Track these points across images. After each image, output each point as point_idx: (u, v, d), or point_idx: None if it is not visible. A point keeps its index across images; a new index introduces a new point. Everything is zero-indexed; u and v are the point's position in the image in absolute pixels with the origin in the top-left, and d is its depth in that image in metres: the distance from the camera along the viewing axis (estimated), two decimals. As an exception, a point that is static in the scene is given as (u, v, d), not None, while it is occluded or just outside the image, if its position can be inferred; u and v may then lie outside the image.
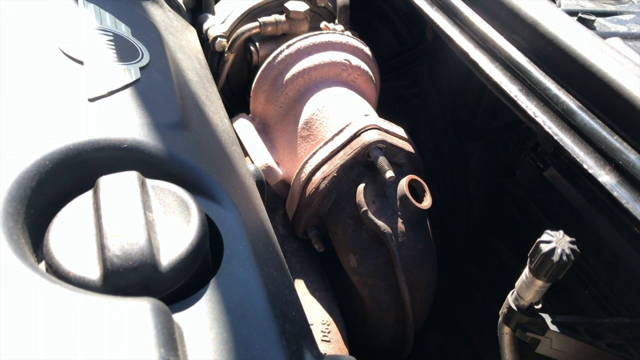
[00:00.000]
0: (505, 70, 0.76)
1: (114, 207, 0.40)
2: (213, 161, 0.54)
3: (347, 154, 0.86)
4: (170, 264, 0.39)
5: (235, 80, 1.20)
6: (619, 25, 1.08)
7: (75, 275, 0.37)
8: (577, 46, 0.67)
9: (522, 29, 0.76)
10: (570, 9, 1.07)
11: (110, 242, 0.38)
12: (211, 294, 0.41)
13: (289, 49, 0.99)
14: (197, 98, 0.63)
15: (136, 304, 0.35)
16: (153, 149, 0.48)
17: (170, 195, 0.44)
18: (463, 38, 0.84)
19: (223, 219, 0.48)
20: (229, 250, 0.45)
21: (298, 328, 0.46)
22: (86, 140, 0.46)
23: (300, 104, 0.98)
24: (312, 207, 0.89)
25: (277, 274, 0.49)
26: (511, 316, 0.67)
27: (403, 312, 0.87)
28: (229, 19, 1.12)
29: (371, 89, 1.06)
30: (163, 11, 0.79)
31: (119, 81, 0.54)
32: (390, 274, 0.85)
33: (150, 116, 0.52)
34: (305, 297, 0.90)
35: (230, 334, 0.39)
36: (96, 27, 0.60)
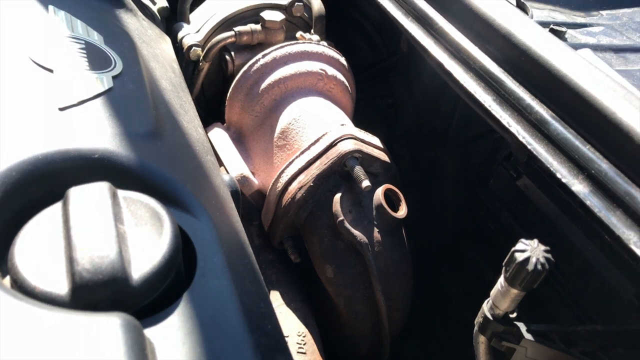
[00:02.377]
0: (480, 81, 0.76)
1: (84, 219, 0.39)
2: (187, 171, 0.53)
3: (323, 163, 0.86)
4: (141, 278, 0.38)
5: (210, 89, 1.19)
6: (588, 37, 1.10)
7: (42, 290, 0.36)
8: (549, 57, 0.68)
9: (496, 39, 0.77)
10: (542, 21, 1.09)
11: (79, 256, 0.37)
12: (184, 308, 0.40)
13: (264, 58, 0.99)
14: (171, 107, 0.63)
15: (106, 319, 0.34)
16: (125, 160, 0.47)
17: (143, 207, 0.43)
18: (438, 48, 0.85)
19: (196, 230, 0.47)
20: (203, 263, 0.44)
21: (273, 341, 0.45)
22: (56, 150, 0.45)
23: (276, 113, 0.98)
24: (288, 217, 0.89)
25: (252, 286, 0.48)
26: (487, 325, 0.68)
27: (379, 322, 0.86)
28: (204, 28, 1.12)
29: (347, 99, 1.06)
30: (137, 19, 0.78)
31: (91, 90, 0.53)
32: (367, 284, 0.85)
33: (123, 126, 0.51)
34: (281, 308, 0.89)
35: (203, 349, 0.38)
36: (67, 35, 0.59)
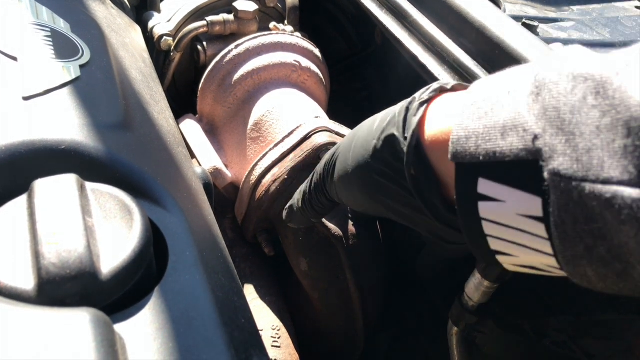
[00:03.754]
0: (454, 73, 0.77)
1: (50, 212, 0.38)
2: (157, 163, 0.52)
3: (297, 156, 0.85)
4: (111, 272, 0.37)
5: (182, 80, 1.17)
6: (559, 31, 1.11)
7: (7, 285, 0.35)
8: (522, 50, 0.69)
9: (469, 33, 0.77)
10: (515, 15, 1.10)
11: (45, 250, 0.36)
12: (155, 303, 0.39)
13: (237, 49, 0.97)
14: (141, 98, 0.61)
15: (74, 315, 0.33)
16: (93, 151, 0.46)
17: (112, 200, 0.42)
18: (412, 41, 0.85)
19: (168, 223, 0.46)
20: (175, 257, 0.43)
21: (247, 335, 0.45)
22: (20, 142, 0.43)
23: (249, 105, 0.97)
24: (262, 210, 0.88)
25: (225, 280, 0.47)
26: (460, 317, 0.68)
27: (353, 315, 0.86)
28: (175, 18, 1.10)
29: (321, 91, 1.05)
30: (105, 7, 0.76)
31: (57, 79, 0.51)
32: (341, 276, 0.85)
33: (91, 116, 0.49)
34: (255, 302, 0.88)
35: (175, 344, 0.37)
36: (32, 22, 0.57)
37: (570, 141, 0.34)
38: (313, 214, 0.69)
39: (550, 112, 0.36)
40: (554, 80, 0.36)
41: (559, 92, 0.36)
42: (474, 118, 0.41)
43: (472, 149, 0.40)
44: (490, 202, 0.40)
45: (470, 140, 0.40)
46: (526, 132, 0.37)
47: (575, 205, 0.34)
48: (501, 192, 0.39)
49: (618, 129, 0.32)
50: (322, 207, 0.68)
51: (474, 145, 0.40)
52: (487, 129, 0.39)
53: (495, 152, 0.38)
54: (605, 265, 0.35)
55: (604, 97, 0.33)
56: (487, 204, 0.40)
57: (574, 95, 0.35)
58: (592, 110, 0.33)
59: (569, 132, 0.34)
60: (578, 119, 0.34)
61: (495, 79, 0.43)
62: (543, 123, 0.36)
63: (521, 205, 0.38)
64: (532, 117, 0.37)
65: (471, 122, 0.41)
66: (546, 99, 0.36)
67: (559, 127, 0.35)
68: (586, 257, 0.36)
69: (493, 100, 0.40)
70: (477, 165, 0.40)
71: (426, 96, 0.50)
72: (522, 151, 0.37)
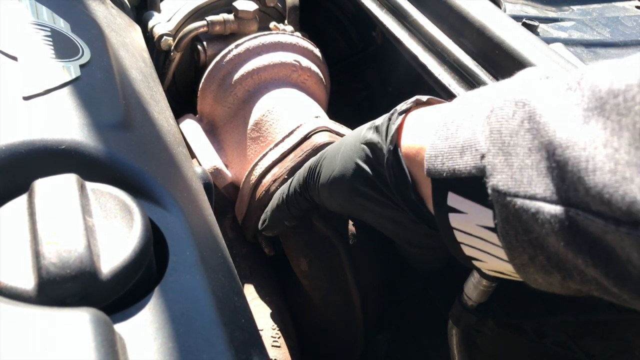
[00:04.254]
0: (454, 73, 0.77)
1: (50, 212, 0.38)
2: (158, 163, 0.52)
3: (297, 156, 0.85)
4: (111, 272, 0.37)
5: (182, 80, 1.17)
6: (560, 31, 1.11)
7: (7, 285, 0.35)
8: (523, 50, 0.69)
9: (470, 32, 0.77)
10: (515, 15, 1.10)
11: (46, 250, 0.36)
12: (155, 303, 0.39)
13: (237, 48, 0.97)
14: (141, 97, 0.61)
15: (74, 314, 0.33)
16: (93, 151, 0.46)
17: (112, 199, 0.42)
18: (412, 41, 0.85)
19: (168, 223, 0.46)
20: (175, 257, 0.43)
21: (247, 335, 0.45)
22: (20, 141, 0.43)
23: (249, 104, 0.97)
24: (262, 210, 0.88)
25: (225, 280, 0.47)
26: (460, 317, 0.68)
27: (353, 315, 0.86)
28: (175, 17, 1.10)
29: (321, 91, 1.05)
30: (105, 7, 0.76)
31: (57, 79, 0.51)
32: (341, 276, 0.84)
33: (91, 116, 0.49)
34: (255, 302, 0.88)
35: (175, 344, 0.37)
36: (32, 21, 0.57)
37: (507, 160, 0.39)
38: (289, 216, 0.76)
39: (494, 134, 0.40)
40: (499, 106, 0.41)
41: (502, 116, 0.40)
42: (442, 138, 0.46)
43: (439, 167, 0.45)
44: (457, 213, 0.45)
45: (438, 158, 0.46)
46: (477, 151, 0.41)
47: (513, 217, 0.38)
48: (464, 205, 0.44)
49: (542, 150, 0.36)
50: (298, 210, 0.74)
51: (440, 163, 0.45)
52: (450, 149, 0.44)
53: (454, 170, 0.43)
54: (547, 273, 0.39)
55: (534, 121, 0.37)
56: (455, 215, 0.45)
57: (514, 120, 0.39)
58: (527, 133, 0.38)
59: (507, 153, 0.39)
60: (515, 141, 0.38)
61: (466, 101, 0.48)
62: (488, 144, 0.40)
63: (479, 216, 0.43)
64: (482, 137, 0.41)
65: (440, 142, 0.46)
66: (492, 122, 0.41)
67: (500, 148, 0.39)
68: (532, 265, 0.40)
69: (458, 123, 0.45)
70: (445, 181, 0.45)
71: (405, 107, 0.56)
72: (473, 168, 0.41)
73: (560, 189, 0.34)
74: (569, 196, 0.34)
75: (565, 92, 0.37)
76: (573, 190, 0.33)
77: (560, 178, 0.34)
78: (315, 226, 0.84)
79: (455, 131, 0.45)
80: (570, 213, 0.34)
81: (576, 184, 0.33)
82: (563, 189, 0.34)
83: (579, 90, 0.36)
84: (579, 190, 0.33)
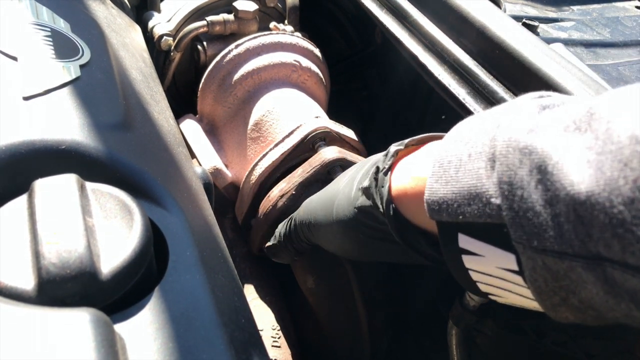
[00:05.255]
0: (454, 73, 0.77)
1: (50, 212, 0.38)
2: (158, 163, 0.52)
3: (306, 171, 0.84)
4: (111, 272, 0.37)
5: (182, 80, 1.17)
6: (560, 31, 1.11)
7: (7, 285, 0.35)
8: (523, 50, 0.69)
9: (470, 33, 0.77)
10: (515, 15, 1.10)
11: (46, 250, 0.36)
12: (155, 303, 0.39)
13: (237, 48, 0.97)
14: (141, 98, 0.61)
15: (74, 314, 0.33)
16: (93, 151, 0.46)
17: (112, 199, 0.42)
18: (412, 41, 0.85)
19: (168, 223, 0.46)
20: (175, 257, 0.43)
21: (247, 335, 0.45)
22: (20, 141, 0.43)
23: (249, 105, 0.97)
24: (269, 225, 0.86)
25: (225, 280, 0.47)
26: (460, 317, 0.68)
27: (360, 334, 0.85)
28: (176, 17, 1.10)
29: (321, 91, 1.05)
30: (105, 7, 0.76)
31: (57, 79, 0.51)
32: (348, 295, 0.83)
33: (91, 116, 0.49)
34: (255, 302, 0.88)
35: (175, 344, 0.37)
36: (32, 21, 0.57)
37: (524, 217, 0.36)
38: (295, 254, 0.76)
39: (504, 185, 0.38)
40: (503, 153, 0.38)
41: (508, 165, 0.37)
42: (441, 182, 0.44)
43: (445, 213, 0.43)
44: (472, 255, 0.43)
45: (442, 205, 0.43)
46: (489, 203, 0.39)
47: (542, 268, 0.36)
48: (480, 248, 0.42)
49: (560, 205, 0.34)
50: (303, 249, 0.75)
51: (446, 209, 0.43)
52: (455, 196, 0.42)
53: (465, 216, 0.41)
54: (581, 312, 0.38)
55: (545, 172, 0.35)
56: (469, 257, 0.43)
57: (522, 169, 0.36)
58: (539, 185, 0.35)
59: (523, 209, 0.36)
60: (527, 193, 0.36)
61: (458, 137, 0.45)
62: (499, 196, 0.38)
63: (498, 260, 0.40)
64: (491, 185, 0.39)
65: (440, 186, 0.44)
66: (499, 171, 0.38)
67: (513, 200, 0.37)
68: (563, 305, 0.38)
69: (456, 164, 0.43)
70: (453, 224, 0.43)
71: (387, 165, 0.54)
72: (488, 218, 0.39)
73: (589, 244, 0.32)
74: (599, 251, 0.32)
75: (574, 133, 0.35)
76: (604, 246, 0.32)
77: (586, 234, 0.32)
78: None
79: (455, 174, 0.42)
80: (607, 267, 0.32)
81: (608, 240, 0.31)
82: (592, 244, 0.32)
83: (590, 132, 0.34)
84: (612, 246, 0.31)
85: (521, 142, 0.37)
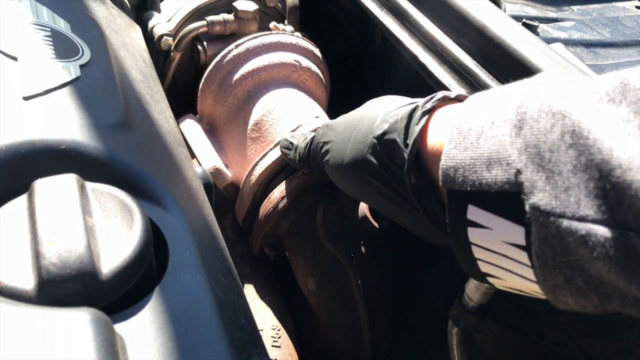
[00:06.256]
0: (454, 73, 0.77)
1: (50, 212, 0.38)
2: (158, 163, 0.52)
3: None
4: (111, 272, 0.37)
5: (182, 80, 1.17)
6: (560, 31, 1.11)
7: (7, 285, 0.35)
8: (523, 50, 0.69)
9: (470, 32, 0.77)
10: (515, 15, 1.10)
11: (46, 250, 0.36)
12: (155, 303, 0.39)
13: (237, 48, 0.97)
14: (141, 98, 0.61)
15: (74, 314, 0.33)
16: (93, 151, 0.46)
17: (112, 199, 0.42)
18: (412, 41, 0.85)
19: (168, 223, 0.46)
20: (175, 257, 0.43)
21: (247, 335, 0.45)
22: (20, 141, 0.43)
23: (249, 105, 0.97)
24: (270, 226, 0.87)
25: (225, 280, 0.47)
26: (460, 317, 0.68)
27: (361, 335, 0.85)
28: (175, 17, 1.10)
29: (321, 91, 1.05)
30: (105, 7, 0.76)
31: (57, 79, 0.51)
32: (350, 297, 0.83)
33: (91, 116, 0.49)
34: (255, 302, 0.88)
35: (175, 344, 0.37)
36: (32, 21, 0.57)
37: (549, 178, 0.35)
38: (309, 172, 0.75)
39: (531, 149, 0.37)
40: (534, 117, 0.38)
41: (539, 129, 0.37)
42: (460, 148, 0.42)
43: (460, 179, 0.42)
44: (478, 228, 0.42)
45: (458, 171, 0.42)
46: (509, 166, 0.38)
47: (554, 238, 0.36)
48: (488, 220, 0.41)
49: (592, 169, 0.33)
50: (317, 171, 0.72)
51: (462, 175, 0.42)
52: (473, 161, 0.41)
53: (481, 183, 0.40)
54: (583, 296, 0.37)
55: (579, 136, 0.34)
56: (475, 230, 0.42)
57: (553, 133, 0.36)
58: (570, 149, 0.34)
59: (549, 170, 0.36)
60: (556, 157, 0.35)
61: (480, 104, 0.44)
62: (525, 158, 0.37)
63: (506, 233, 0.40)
64: (514, 151, 0.38)
65: (458, 152, 0.43)
66: (527, 136, 0.37)
67: (539, 164, 0.36)
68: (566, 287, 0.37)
69: (477, 131, 0.42)
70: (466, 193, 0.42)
71: (429, 105, 0.51)
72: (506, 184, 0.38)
73: (617, 211, 0.32)
74: (627, 219, 0.32)
75: (608, 104, 0.34)
76: (633, 214, 0.31)
77: (616, 200, 0.32)
78: (324, 246, 0.83)
79: (475, 140, 0.41)
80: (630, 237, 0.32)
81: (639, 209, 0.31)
82: (621, 212, 0.32)
83: (625, 105, 0.33)
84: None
85: (554, 107, 0.36)
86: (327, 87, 1.09)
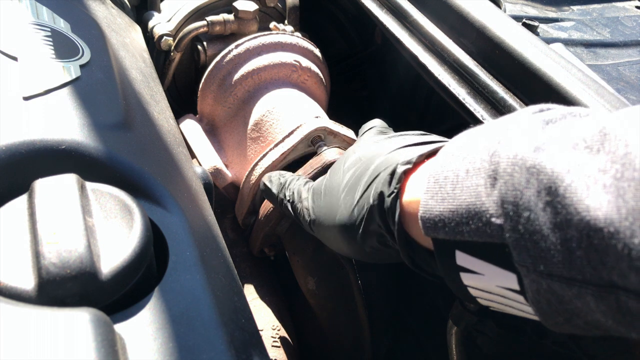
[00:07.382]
0: (454, 74, 0.77)
1: (50, 212, 0.38)
2: (158, 163, 0.52)
3: (307, 173, 0.83)
4: (111, 272, 0.37)
5: (182, 80, 1.17)
6: (560, 31, 1.11)
7: (7, 285, 0.35)
8: (523, 50, 0.69)
9: (470, 32, 0.77)
10: (515, 15, 1.10)
11: (46, 250, 0.36)
12: (155, 303, 0.39)
13: (237, 48, 0.97)
14: (142, 98, 0.61)
15: (74, 314, 0.33)
16: (93, 151, 0.46)
17: (112, 199, 0.42)
18: (412, 41, 0.85)
19: (168, 223, 0.46)
20: (175, 257, 0.43)
21: (247, 335, 0.45)
22: (20, 141, 0.43)
23: (249, 105, 0.97)
24: (269, 226, 0.87)
25: (225, 280, 0.47)
26: (460, 317, 0.68)
27: (361, 335, 0.85)
28: (176, 17, 1.10)
29: (321, 91, 1.05)
30: (105, 7, 0.76)
31: (57, 79, 0.51)
32: (349, 297, 0.83)
33: (91, 116, 0.49)
34: (255, 302, 0.88)
35: (175, 344, 0.37)
36: (32, 21, 0.57)
37: (530, 240, 0.34)
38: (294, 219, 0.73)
39: (508, 205, 0.36)
40: (507, 172, 0.36)
41: (514, 185, 0.35)
42: (437, 199, 0.42)
43: (442, 231, 0.41)
44: (470, 273, 0.41)
45: (439, 223, 0.41)
46: (490, 223, 0.37)
47: (546, 292, 0.35)
48: (478, 266, 0.40)
49: (572, 229, 0.32)
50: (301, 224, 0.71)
51: (443, 227, 0.41)
52: (452, 214, 0.40)
53: (463, 235, 0.39)
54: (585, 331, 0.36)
55: (555, 194, 0.33)
56: (468, 275, 0.42)
57: (529, 190, 0.34)
58: (547, 206, 0.33)
59: (528, 231, 0.34)
60: (534, 216, 0.34)
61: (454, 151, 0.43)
62: (502, 216, 0.36)
63: (499, 279, 0.39)
64: (491, 204, 0.37)
65: (435, 204, 0.42)
66: (502, 190, 0.36)
67: (518, 222, 0.35)
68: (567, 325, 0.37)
69: (453, 180, 0.41)
70: (451, 242, 0.41)
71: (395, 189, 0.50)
72: (489, 238, 0.37)
73: (602, 272, 0.31)
74: (613, 280, 0.30)
75: (584, 151, 0.33)
76: (618, 275, 0.30)
77: (599, 261, 0.31)
78: (324, 246, 0.83)
79: (451, 191, 0.40)
80: (620, 296, 0.31)
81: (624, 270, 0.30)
82: (605, 272, 0.31)
83: (604, 154, 0.32)
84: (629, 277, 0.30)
85: (528, 161, 0.35)
86: (327, 87, 1.09)
